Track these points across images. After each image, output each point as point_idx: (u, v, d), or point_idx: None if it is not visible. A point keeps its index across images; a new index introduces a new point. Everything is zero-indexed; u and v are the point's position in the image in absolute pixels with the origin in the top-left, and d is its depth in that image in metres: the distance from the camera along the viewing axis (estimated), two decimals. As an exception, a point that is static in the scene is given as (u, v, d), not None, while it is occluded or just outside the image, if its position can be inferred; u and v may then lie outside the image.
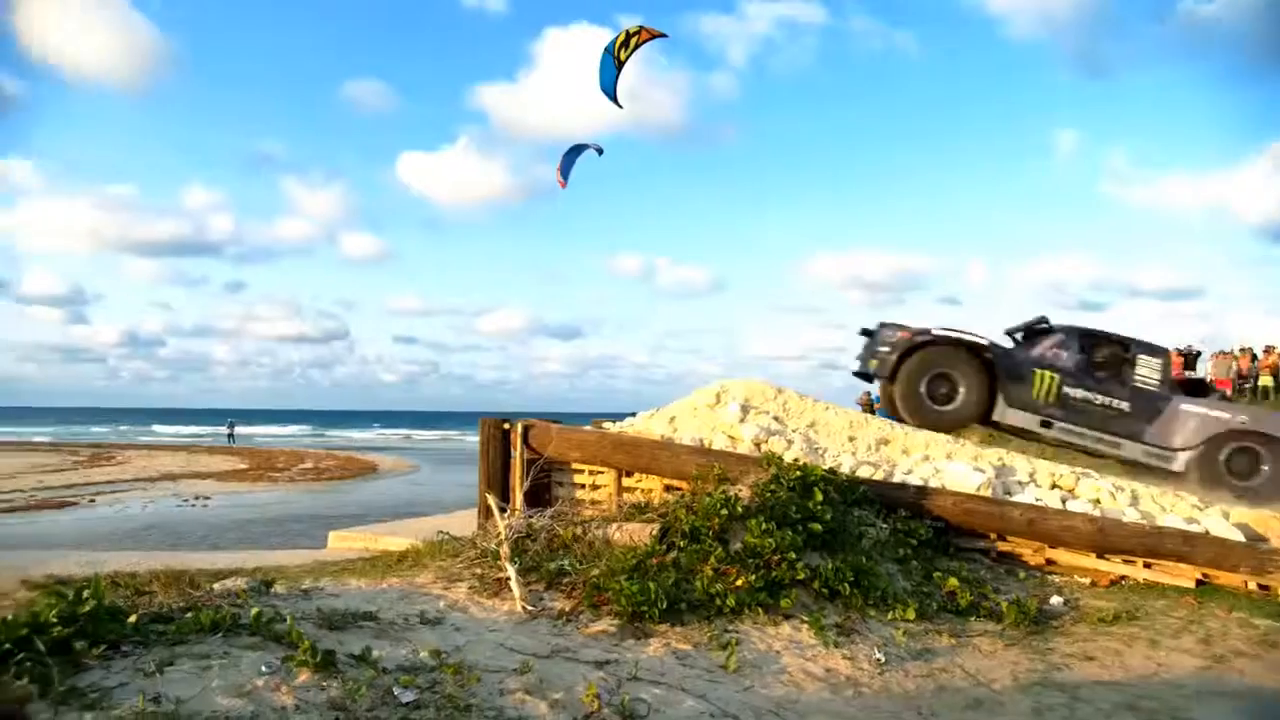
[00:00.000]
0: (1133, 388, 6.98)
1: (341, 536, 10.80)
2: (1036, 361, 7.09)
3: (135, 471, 29.10)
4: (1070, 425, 6.98)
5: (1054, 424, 7.10)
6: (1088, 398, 6.89)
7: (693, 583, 5.52)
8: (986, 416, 7.36)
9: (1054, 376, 7.00)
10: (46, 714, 2.93)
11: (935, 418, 7.56)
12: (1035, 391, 7.00)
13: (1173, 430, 6.76)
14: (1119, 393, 6.93)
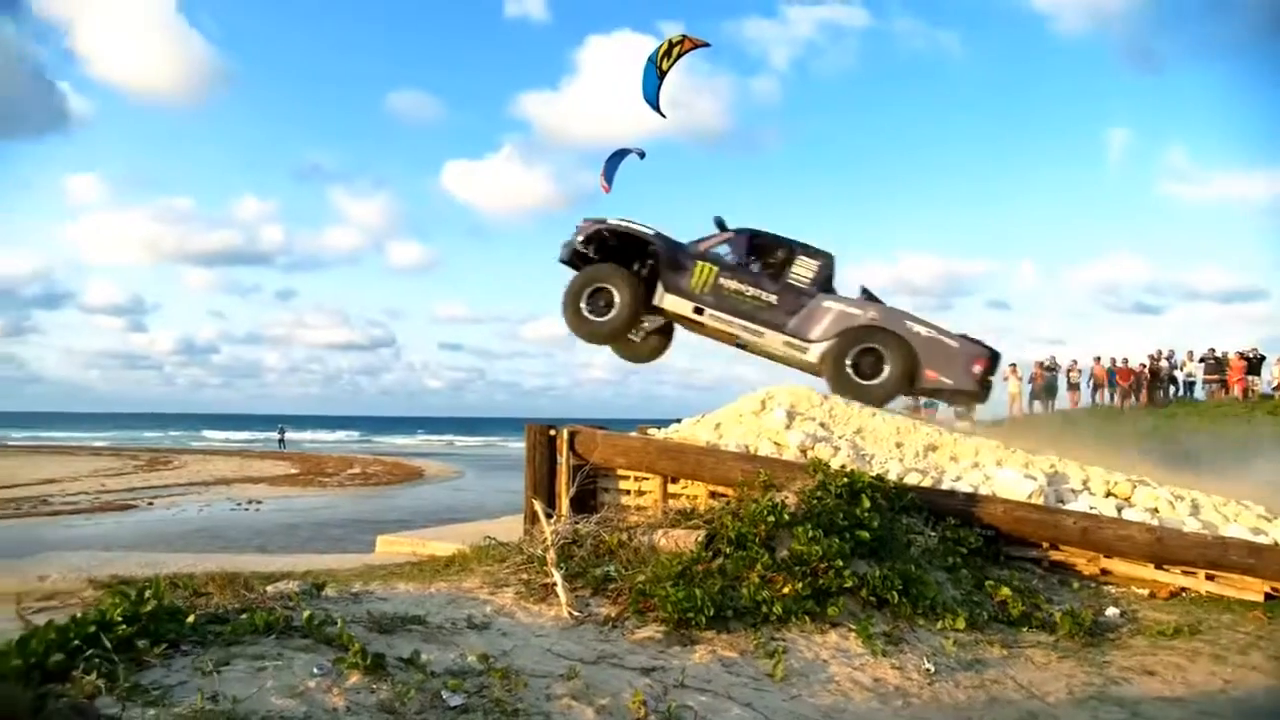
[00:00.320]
0: (784, 284, 7.20)
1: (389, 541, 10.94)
2: (701, 255, 7.29)
3: (191, 476, 29.83)
4: (720, 313, 7.16)
5: (705, 311, 7.30)
6: (740, 289, 7.07)
7: (739, 590, 5.49)
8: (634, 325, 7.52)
9: (713, 269, 7.19)
10: (114, 709, 3.02)
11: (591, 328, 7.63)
12: (694, 281, 7.16)
13: (812, 324, 6.98)
14: (770, 287, 7.15)
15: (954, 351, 6.83)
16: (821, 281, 7.15)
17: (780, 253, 7.24)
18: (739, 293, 6.95)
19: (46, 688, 3.02)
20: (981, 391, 7.16)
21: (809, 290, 6.96)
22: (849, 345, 6.96)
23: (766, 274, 7.16)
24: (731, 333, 7.16)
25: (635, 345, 8.15)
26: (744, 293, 6.92)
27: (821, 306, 6.86)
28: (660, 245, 7.12)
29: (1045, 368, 22.30)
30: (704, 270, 6.98)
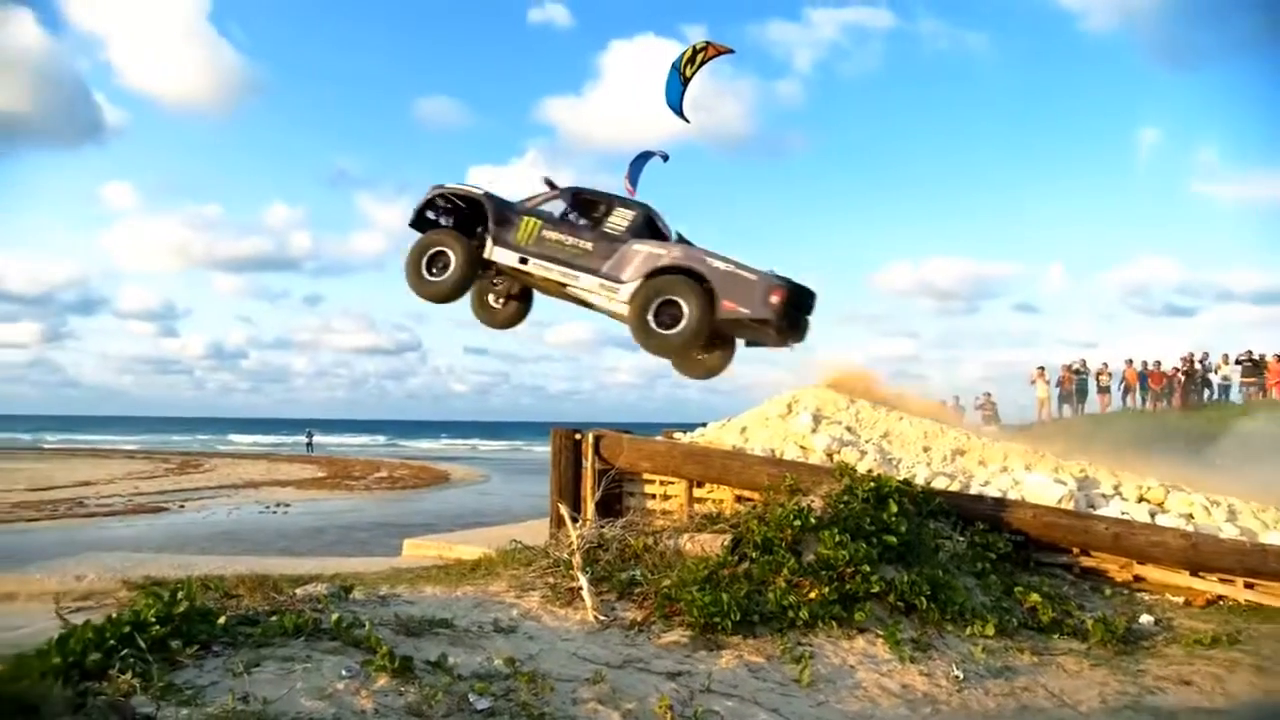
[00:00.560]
0: (600, 233, 7.59)
1: (416, 544, 11.02)
2: (527, 211, 7.78)
3: (220, 479, 30.19)
4: (541, 261, 7.59)
5: (529, 260, 7.69)
6: (560, 239, 7.53)
7: (765, 594, 5.47)
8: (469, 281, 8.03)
9: (537, 223, 7.67)
10: (149, 708, 3.07)
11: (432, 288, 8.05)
12: (519, 235, 7.63)
13: (622, 266, 7.32)
14: (588, 236, 7.56)
15: (751, 283, 7.04)
16: (636, 229, 7.53)
17: (601, 207, 7.67)
18: (559, 242, 7.41)
19: (85, 686, 3.08)
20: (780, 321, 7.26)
21: (623, 237, 7.36)
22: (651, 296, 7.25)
23: (586, 225, 7.61)
24: (555, 280, 7.57)
25: (495, 311, 8.63)
26: (564, 242, 7.39)
27: (631, 250, 7.25)
28: (489, 204, 7.62)
29: (1074, 371, 22.00)
30: (529, 224, 7.48)
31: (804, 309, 7.82)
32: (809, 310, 7.92)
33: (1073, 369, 22.05)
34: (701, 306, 6.93)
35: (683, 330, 7.04)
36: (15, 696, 2.02)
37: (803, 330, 8.03)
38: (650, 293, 7.18)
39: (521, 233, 7.61)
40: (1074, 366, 22.14)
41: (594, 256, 7.32)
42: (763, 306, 6.86)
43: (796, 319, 7.56)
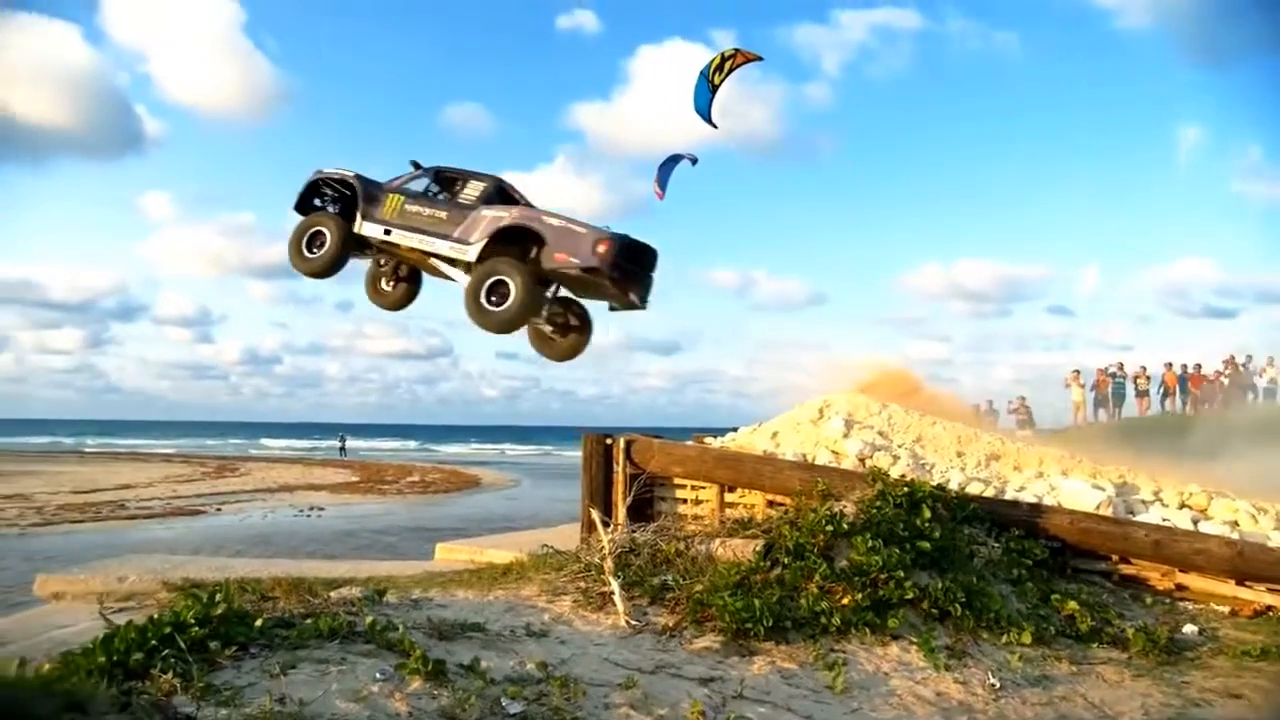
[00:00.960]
0: (455, 203, 8.19)
1: (448, 548, 11.07)
2: (394, 189, 8.37)
3: (256, 483, 30.67)
4: (402, 231, 8.13)
5: (392, 231, 8.22)
6: (419, 211, 8.12)
7: (798, 600, 5.44)
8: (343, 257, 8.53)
9: (401, 198, 8.28)
10: (189, 708, 3.12)
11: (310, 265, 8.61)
12: (385, 210, 8.22)
13: (472, 229, 7.84)
14: (443, 207, 8.14)
15: (581, 235, 7.46)
16: (486, 198, 8.11)
17: (458, 182, 8.31)
18: (419, 214, 8.01)
19: (129, 685, 3.14)
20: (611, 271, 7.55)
21: (474, 205, 7.94)
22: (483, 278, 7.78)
23: (443, 198, 8.24)
24: (417, 247, 8.14)
25: (386, 294, 9.07)
26: (423, 213, 7.99)
27: (479, 215, 7.79)
28: (359, 184, 8.26)
29: (1109, 374, 21.60)
30: (394, 200, 8.09)
31: (642, 265, 8.09)
32: (648, 268, 8.18)
33: (1108, 372, 21.63)
34: (527, 282, 7.39)
35: (515, 306, 7.45)
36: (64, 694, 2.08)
37: (645, 288, 8.24)
38: (481, 275, 7.66)
39: (387, 208, 8.17)
40: (1109, 369, 21.73)
41: (448, 224, 7.86)
42: (591, 256, 7.24)
43: (632, 273, 7.83)
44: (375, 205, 8.28)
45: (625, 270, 7.60)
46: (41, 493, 25.18)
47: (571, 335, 8.51)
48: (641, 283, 8.13)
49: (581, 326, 8.54)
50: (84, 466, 38.99)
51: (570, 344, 8.55)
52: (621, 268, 7.54)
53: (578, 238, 7.38)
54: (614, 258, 7.38)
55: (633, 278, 7.87)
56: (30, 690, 1.93)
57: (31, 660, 3.50)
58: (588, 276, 7.61)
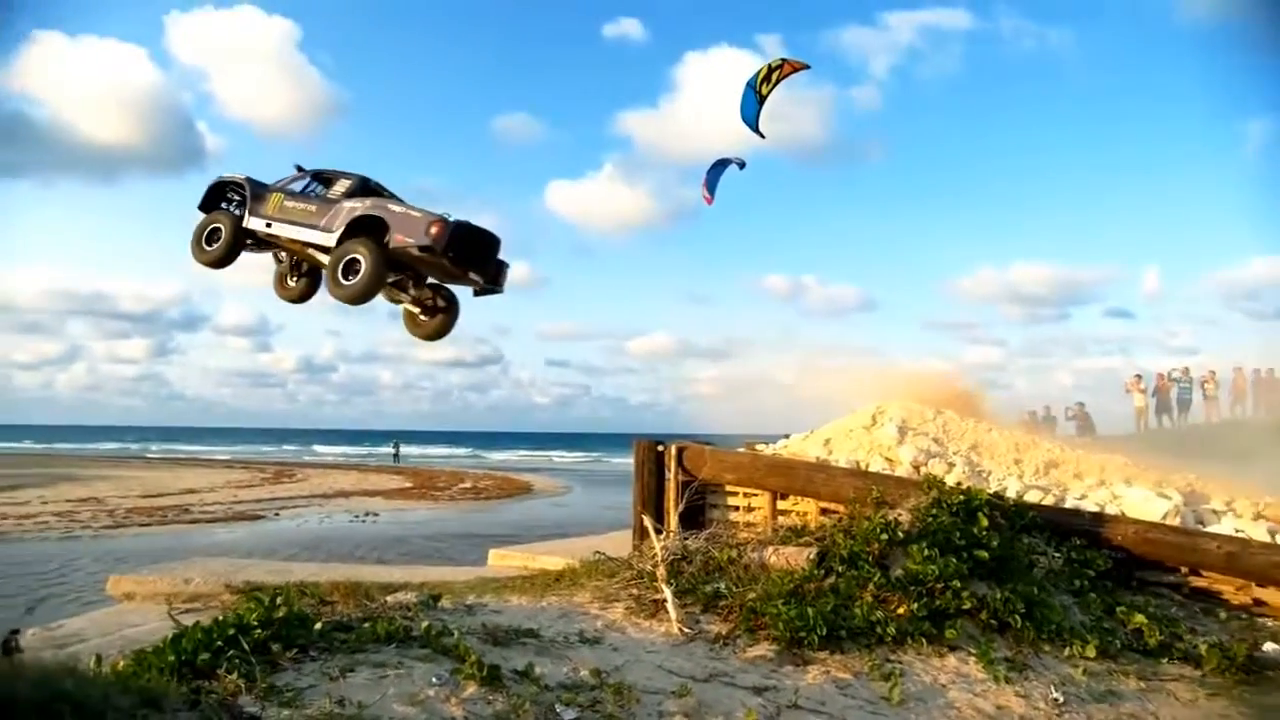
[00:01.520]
0: (324, 198, 8.94)
1: (501, 555, 11.19)
2: (277, 189, 9.19)
3: (312, 489, 31.31)
4: (281, 223, 8.93)
5: (272, 224, 9.02)
6: (295, 206, 8.93)
7: (852, 609, 5.37)
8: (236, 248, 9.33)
9: (281, 196, 9.10)
10: (254, 708, 3.20)
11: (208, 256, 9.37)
12: (268, 207, 9.04)
13: (334, 220, 8.59)
14: (314, 202, 8.93)
15: (417, 219, 8.20)
16: (350, 193, 8.86)
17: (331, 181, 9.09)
18: (294, 209, 8.84)
19: (197, 684, 3.23)
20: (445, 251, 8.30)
21: (338, 200, 8.75)
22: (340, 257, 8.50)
23: (316, 195, 9.04)
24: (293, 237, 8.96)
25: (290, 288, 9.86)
26: (297, 208, 8.81)
27: (341, 207, 8.57)
28: (248, 185, 9.16)
29: (1172, 379, 20.87)
30: (276, 198, 8.93)
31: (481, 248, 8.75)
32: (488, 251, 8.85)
33: (1171, 376, 20.92)
34: (375, 260, 8.13)
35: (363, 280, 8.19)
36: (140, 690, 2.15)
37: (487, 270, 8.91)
38: (338, 255, 8.41)
39: (270, 205, 9.03)
40: (1172, 374, 21.00)
41: (317, 215, 8.68)
42: (424, 237, 7.97)
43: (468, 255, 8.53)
44: (261, 203, 9.19)
45: (459, 251, 8.31)
46: (112, 496, 26.12)
47: (439, 316, 9.24)
48: (482, 265, 8.79)
49: (448, 308, 9.25)
50: (150, 471, 40.27)
51: (437, 324, 9.29)
52: (455, 248, 8.24)
53: (415, 221, 8.13)
54: (445, 239, 8.08)
55: (470, 260, 8.57)
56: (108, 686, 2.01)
57: (106, 657, 3.64)
58: (428, 256, 8.28)
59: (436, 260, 8.26)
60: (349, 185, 8.93)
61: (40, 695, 1.64)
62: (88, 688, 1.86)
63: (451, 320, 9.39)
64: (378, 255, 8.07)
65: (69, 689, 1.76)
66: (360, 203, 8.62)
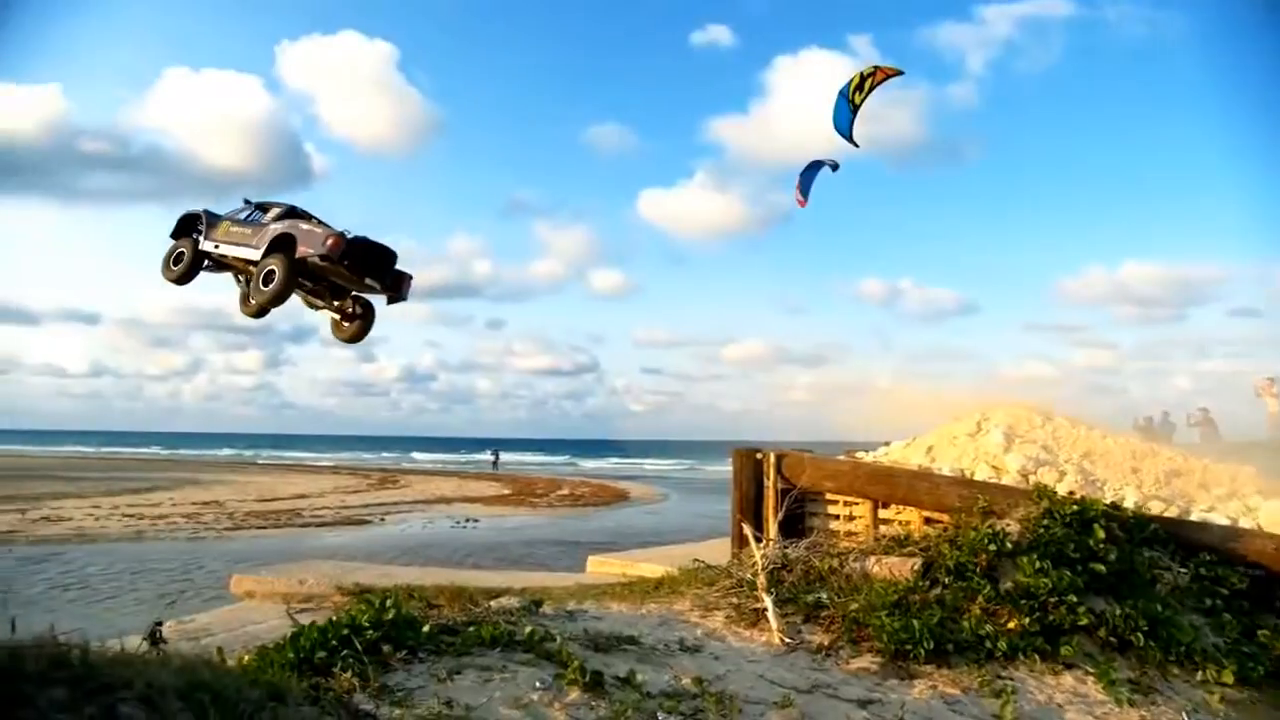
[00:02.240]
0: (258, 223, 9.90)
1: (599, 561, 11.30)
2: (226, 218, 10.23)
3: (415, 495, 32.27)
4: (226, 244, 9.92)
5: (220, 246, 10.03)
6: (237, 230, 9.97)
7: (959, 622, 5.19)
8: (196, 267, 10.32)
9: (229, 223, 10.15)
10: (367, 706, 3.32)
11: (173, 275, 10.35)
12: (218, 232, 10.08)
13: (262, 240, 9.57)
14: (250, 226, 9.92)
15: (318, 234, 9.16)
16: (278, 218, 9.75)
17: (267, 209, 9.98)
18: (236, 233, 9.87)
19: (315, 680, 3.38)
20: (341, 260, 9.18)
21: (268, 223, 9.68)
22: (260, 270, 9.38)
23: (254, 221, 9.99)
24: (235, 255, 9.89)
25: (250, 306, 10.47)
26: (238, 232, 9.84)
27: (268, 229, 9.57)
28: (204, 215, 10.22)
29: (1310, 381, 19.35)
30: (225, 225, 9.98)
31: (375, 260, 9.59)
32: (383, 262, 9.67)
33: (1308, 379, 19.43)
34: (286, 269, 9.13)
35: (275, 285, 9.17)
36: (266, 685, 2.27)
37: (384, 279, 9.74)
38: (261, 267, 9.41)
39: (220, 231, 10.09)
40: (1310, 376, 19.50)
41: (251, 237, 9.71)
42: (323, 247, 8.96)
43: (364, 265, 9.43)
44: (214, 229, 10.30)
45: (355, 261, 9.27)
46: (231, 500, 27.60)
47: (356, 322, 10.17)
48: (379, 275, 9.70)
49: (364, 315, 10.18)
50: (264, 477, 42.33)
51: (354, 329, 10.24)
52: (350, 258, 9.21)
53: (316, 236, 9.14)
54: (340, 250, 9.06)
55: (367, 269, 9.50)
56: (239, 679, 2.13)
57: (231, 651, 3.84)
58: (329, 265, 9.25)
59: (337, 269, 9.34)
60: (278, 212, 10.07)
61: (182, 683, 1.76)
62: (223, 679, 1.98)
63: (367, 325, 10.37)
64: (287, 265, 9.20)
65: (207, 679, 1.88)
66: (281, 224, 9.77)
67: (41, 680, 1.59)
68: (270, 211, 10.12)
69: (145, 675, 1.69)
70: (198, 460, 63.37)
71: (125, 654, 2.02)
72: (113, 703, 1.57)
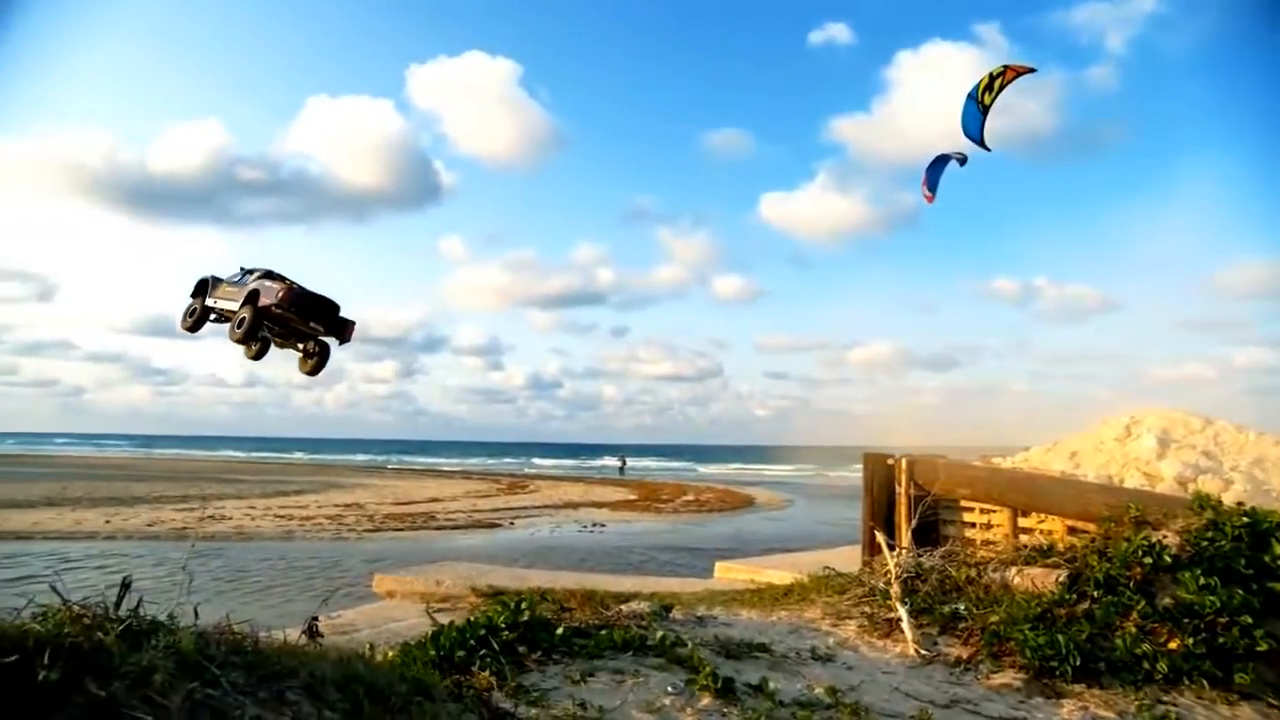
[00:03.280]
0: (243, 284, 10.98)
1: (726, 567, 11.25)
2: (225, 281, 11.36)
3: (543, 500, 33.03)
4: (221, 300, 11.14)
5: (218, 302, 11.29)
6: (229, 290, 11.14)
7: (1112, 640, 4.87)
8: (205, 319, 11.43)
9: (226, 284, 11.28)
10: (506, 704, 3.43)
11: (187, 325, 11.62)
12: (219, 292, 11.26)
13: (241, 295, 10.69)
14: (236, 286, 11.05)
15: (275, 289, 10.43)
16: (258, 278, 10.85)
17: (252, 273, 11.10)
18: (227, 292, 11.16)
19: (456, 678, 3.52)
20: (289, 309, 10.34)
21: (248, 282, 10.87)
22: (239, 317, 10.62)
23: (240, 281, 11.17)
24: (227, 308, 11.06)
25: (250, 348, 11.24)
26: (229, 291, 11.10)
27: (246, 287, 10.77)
28: (210, 280, 11.56)
29: None
30: (223, 287, 11.27)
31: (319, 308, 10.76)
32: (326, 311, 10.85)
33: None
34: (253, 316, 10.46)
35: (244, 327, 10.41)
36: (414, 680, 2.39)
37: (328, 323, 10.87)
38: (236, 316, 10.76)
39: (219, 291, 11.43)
40: None
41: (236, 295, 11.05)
42: (275, 297, 10.31)
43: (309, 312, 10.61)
44: (216, 289, 11.67)
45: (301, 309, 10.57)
46: (371, 503, 29.07)
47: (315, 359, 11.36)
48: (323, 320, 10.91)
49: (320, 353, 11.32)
50: (400, 481, 44.32)
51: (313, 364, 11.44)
52: (297, 307, 10.51)
53: (273, 290, 10.51)
54: (288, 300, 10.41)
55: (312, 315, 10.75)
56: (388, 675, 2.25)
57: (375, 647, 4.04)
58: (284, 312, 10.53)
59: (288, 315, 10.75)
60: (257, 274, 11.36)
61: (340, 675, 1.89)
62: (375, 673, 2.10)
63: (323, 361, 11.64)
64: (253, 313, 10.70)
65: (362, 672, 2.00)
66: (255, 283, 11.13)
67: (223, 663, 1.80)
68: (253, 274, 11.53)
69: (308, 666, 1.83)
70: (338, 465, 67.22)
71: (289, 645, 2.18)
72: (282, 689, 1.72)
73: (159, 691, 1.77)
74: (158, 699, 1.77)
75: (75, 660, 1.85)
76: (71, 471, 45.87)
